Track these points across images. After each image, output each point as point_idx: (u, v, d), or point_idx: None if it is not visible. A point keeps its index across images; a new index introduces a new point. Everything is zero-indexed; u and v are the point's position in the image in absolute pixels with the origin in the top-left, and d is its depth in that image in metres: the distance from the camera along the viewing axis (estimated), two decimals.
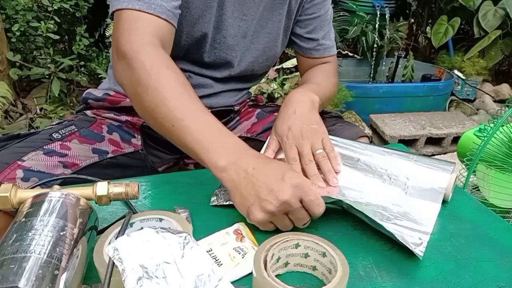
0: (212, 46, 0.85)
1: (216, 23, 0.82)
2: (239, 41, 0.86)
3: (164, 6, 0.68)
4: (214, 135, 0.60)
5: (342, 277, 0.45)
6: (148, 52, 0.64)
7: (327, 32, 0.96)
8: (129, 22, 0.66)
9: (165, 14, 0.68)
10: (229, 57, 0.87)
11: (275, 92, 2.40)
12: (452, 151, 2.38)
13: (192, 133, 0.59)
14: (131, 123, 0.90)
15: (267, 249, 0.48)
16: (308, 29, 0.94)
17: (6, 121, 2.12)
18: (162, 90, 0.61)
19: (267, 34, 0.89)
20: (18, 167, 0.69)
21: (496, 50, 2.93)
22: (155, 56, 0.64)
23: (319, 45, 0.95)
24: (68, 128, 0.81)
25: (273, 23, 0.89)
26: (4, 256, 0.38)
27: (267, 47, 0.91)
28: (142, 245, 0.44)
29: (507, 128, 1.19)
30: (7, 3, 2.18)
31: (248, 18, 0.84)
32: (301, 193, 0.55)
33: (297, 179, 0.55)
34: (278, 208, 0.54)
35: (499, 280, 0.52)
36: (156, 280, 0.40)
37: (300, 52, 0.98)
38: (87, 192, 0.50)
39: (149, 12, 0.67)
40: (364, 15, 2.95)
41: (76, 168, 0.76)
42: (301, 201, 0.55)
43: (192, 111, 0.61)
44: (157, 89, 0.61)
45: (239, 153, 0.58)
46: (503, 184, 1.16)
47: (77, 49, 2.30)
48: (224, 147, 0.58)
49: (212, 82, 0.90)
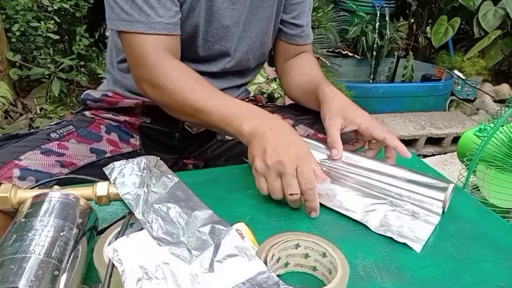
0: (205, 40, 0.85)
1: (206, 16, 0.82)
2: (232, 31, 0.86)
3: (162, 22, 0.74)
4: (234, 107, 0.69)
5: (342, 277, 0.45)
6: (164, 63, 0.73)
7: (309, 20, 0.97)
8: (139, 46, 0.74)
9: (165, 29, 0.74)
10: (224, 48, 0.87)
11: (275, 92, 2.40)
12: (452, 151, 2.38)
13: (215, 111, 0.68)
14: (130, 123, 0.90)
15: (267, 250, 0.48)
16: (293, 15, 0.94)
17: (6, 121, 2.12)
18: (184, 88, 0.71)
19: (258, 21, 0.89)
20: (15, 166, 0.69)
21: (496, 50, 2.93)
22: (169, 66, 0.73)
23: (303, 32, 0.96)
24: (66, 128, 0.81)
25: (264, 9, 0.89)
26: (4, 256, 0.38)
27: (260, 34, 0.91)
28: (142, 246, 0.44)
29: (507, 128, 1.19)
30: (7, 3, 2.18)
31: (239, 7, 0.85)
32: (299, 162, 0.61)
33: (301, 151, 0.62)
34: (275, 165, 0.61)
35: (499, 280, 0.52)
36: (156, 281, 0.40)
37: (284, 38, 0.97)
38: (87, 192, 0.50)
39: (150, 33, 0.73)
40: (364, 15, 2.96)
41: (74, 168, 0.76)
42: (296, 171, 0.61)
43: (211, 95, 0.71)
44: (181, 89, 0.71)
45: (259, 118, 0.67)
46: (503, 184, 1.16)
47: (77, 49, 2.30)
48: (246, 115, 0.67)
49: (209, 79, 0.90)
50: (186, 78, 0.72)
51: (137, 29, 0.72)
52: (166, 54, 0.74)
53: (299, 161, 0.61)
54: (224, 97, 0.71)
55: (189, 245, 0.46)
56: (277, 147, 0.61)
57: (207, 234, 0.49)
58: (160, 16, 0.73)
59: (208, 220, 0.52)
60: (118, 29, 0.74)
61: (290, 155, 0.61)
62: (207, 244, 0.47)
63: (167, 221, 0.49)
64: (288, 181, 0.61)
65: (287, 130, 0.66)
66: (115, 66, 0.92)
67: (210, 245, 0.46)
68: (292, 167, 0.60)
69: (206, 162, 0.97)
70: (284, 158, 0.60)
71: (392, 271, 0.53)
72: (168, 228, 0.48)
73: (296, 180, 0.60)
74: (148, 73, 0.73)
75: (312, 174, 0.61)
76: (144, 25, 0.72)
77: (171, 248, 0.44)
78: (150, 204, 0.50)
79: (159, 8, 0.73)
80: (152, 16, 0.73)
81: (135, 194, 0.50)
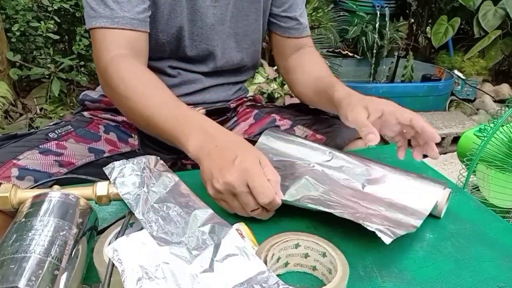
0: (191, 39, 0.84)
1: (189, 15, 0.82)
2: (217, 29, 0.85)
3: (127, 16, 0.72)
4: (181, 120, 0.64)
5: (342, 277, 0.45)
6: (118, 63, 0.70)
7: (302, 11, 0.94)
8: (99, 40, 0.72)
9: (129, 24, 0.72)
10: (211, 47, 0.87)
11: (275, 92, 2.40)
12: (452, 151, 2.37)
13: (162, 123, 0.64)
14: (128, 124, 0.90)
15: (267, 249, 0.48)
16: (284, 8, 0.92)
17: (6, 121, 2.12)
18: (134, 93, 0.67)
19: (245, 17, 0.88)
20: (13, 166, 0.69)
21: (496, 50, 2.93)
22: (124, 65, 0.70)
23: (298, 23, 0.93)
24: (64, 128, 0.82)
25: (250, 5, 0.88)
26: (4, 256, 0.38)
27: (249, 30, 0.90)
28: (142, 245, 0.44)
29: (507, 128, 1.19)
30: (7, 3, 2.18)
31: (221, 4, 0.83)
32: (247, 177, 0.55)
33: (247, 163, 0.56)
34: (223, 187, 0.56)
35: (499, 280, 0.52)
36: (156, 280, 0.40)
37: (279, 33, 0.95)
38: (87, 192, 0.50)
39: (113, 27, 0.72)
40: (364, 15, 2.96)
41: (72, 167, 0.76)
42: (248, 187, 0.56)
43: (160, 103, 0.66)
44: (129, 93, 0.68)
45: (204, 134, 0.62)
46: (503, 184, 1.16)
47: (77, 49, 2.30)
48: (191, 130, 0.62)
49: (202, 77, 0.90)
50: (139, 79, 0.69)
51: (100, 24, 0.71)
52: (126, 51, 0.71)
53: (246, 176, 0.55)
54: (174, 106, 0.66)
55: (189, 245, 0.46)
56: (222, 167, 0.56)
57: (207, 234, 0.49)
58: (124, 10, 0.72)
59: (208, 219, 0.52)
60: (88, 28, 0.73)
61: (236, 172, 0.55)
62: (207, 244, 0.47)
63: (167, 221, 0.49)
64: (243, 200, 0.56)
65: (232, 143, 0.61)
66: None
67: (210, 245, 0.46)
68: (241, 184, 0.55)
69: None
70: (230, 178, 0.55)
71: (392, 271, 0.53)
72: (168, 228, 0.48)
73: (251, 197, 0.56)
74: (103, 70, 0.71)
75: (264, 185, 0.55)
76: (108, 19, 0.71)
77: (171, 248, 0.44)
78: (150, 204, 0.50)
79: (124, 3, 0.72)
80: (116, 11, 0.71)
81: (135, 194, 0.50)
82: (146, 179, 0.53)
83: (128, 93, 0.68)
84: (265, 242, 0.49)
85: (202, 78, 0.90)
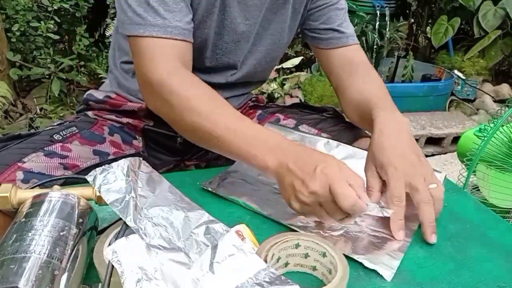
0: (214, 52, 0.83)
1: (217, 29, 0.80)
2: (242, 45, 0.84)
3: (179, 26, 0.68)
4: (255, 139, 0.62)
5: (342, 277, 0.45)
6: (175, 77, 0.66)
7: (344, 20, 0.88)
8: (150, 50, 0.67)
9: (181, 34, 0.69)
10: (231, 61, 0.86)
11: (275, 92, 2.40)
12: (452, 151, 2.37)
13: (236, 143, 0.62)
14: (133, 125, 0.89)
15: (267, 249, 0.48)
16: (321, 20, 0.88)
17: (6, 121, 2.12)
18: (198, 111, 0.64)
19: (269, 35, 0.87)
20: (18, 169, 0.69)
21: (496, 50, 2.93)
22: (183, 79, 0.67)
23: (339, 33, 0.87)
24: (69, 130, 0.81)
25: (276, 24, 0.86)
26: (4, 256, 0.38)
27: (270, 49, 0.89)
28: (141, 247, 0.44)
29: (507, 128, 1.19)
30: (7, 3, 2.18)
31: (251, 22, 0.82)
32: (329, 184, 0.54)
33: (328, 170, 0.55)
34: (310, 198, 0.55)
35: (499, 280, 0.52)
36: (156, 282, 0.40)
37: (321, 45, 0.89)
38: (87, 192, 0.50)
39: (166, 37, 0.67)
40: (364, 15, 2.95)
41: (77, 170, 0.76)
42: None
43: (230, 122, 0.64)
44: (192, 111, 0.64)
45: (281, 150, 0.60)
46: (503, 184, 1.16)
47: (77, 49, 2.30)
48: (268, 149, 0.61)
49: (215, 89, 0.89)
50: (201, 97, 0.66)
51: (151, 33, 0.67)
52: (178, 64, 0.68)
53: (329, 183, 0.54)
54: (242, 124, 0.64)
55: (186, 249, 0.46)
56: (304, 178, 0.56)
57: (202, 236, 0.49)
58: (177, 20, 0.68)
59: (202, 221, 0.52)
60: (130, 34, 0.68)
61: (318, 181, 0.55)
62: (204, 246, 0.47)
63: (160, 225, 0.48)
64: (329, 209, 0.55)
65: (309, 155, 0.60)
66: (118, 66, 0.91)
67: (207, 247, 0.46)
68: (325, 193, 0.54)
69: (208, 163, 0.97)
70: (314, 187, 0.55)
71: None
72: (162, 233, 0.47)
73: (335, 205, 0.54)
74: (157, 83, 0.67)
75: (345, 189, 0.54)
76: (160, 28, 0.67)
77: (168, 254, 0.44)
78: (140, 209, 0.50)
79: (177, 12, 0.68)
80: (169, 20, 0.67)
81: (124, 201, 0.48)
82: (132, 183, 0.51)
83: (193, 110, 0.64)
84: (265, 242, 0.49)
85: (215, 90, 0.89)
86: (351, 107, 0.84)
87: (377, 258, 0.54)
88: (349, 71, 0.86)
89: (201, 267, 0.44)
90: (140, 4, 0.67)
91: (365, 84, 0.83)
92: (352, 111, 0.84)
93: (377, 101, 0.76)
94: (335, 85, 0.90)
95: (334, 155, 0.73)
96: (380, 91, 0.81)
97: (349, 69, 0.87)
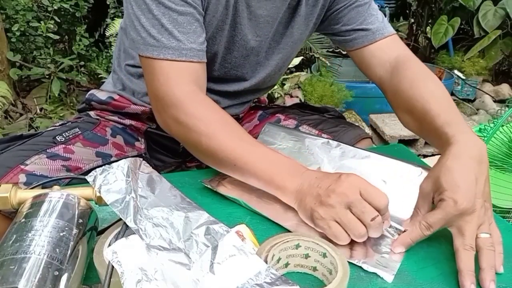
0: (222, 65, 0.82)
1: (227, 44, 0.79)
2: (251, 59, 0.83)
3: (194, 48, 0.67)
4: (273, 164, 0.62)
5: (343, 277, 0.45)
6: (192, 101, 0.66)
7: (367, 16, 0.81)
8: (165, 73, 0.66)
9: (196, 56, 0.68)
10: (240, 73, 0.85)
11: (275, 92, 2.40)
12: None
13: (254, 168, 0.62)
14: (135, 127, 0.89)
15: (268, 250, 0.48)
16: (342, 23, 0.83)
17: (6, 121, 2.12)
18: (216, 136, 0.64)
19: (281, 49, 0.85)
20: (21, 171, 0.69)
21: (496, 50, 2.93)
22: (200, 103, 0.67)
23: (363, 31, 0.81)
24: (72, 131, 0.81)
25: (287, 38, 0.84)
26: (4, 256, 0.38)
27: (281, 62, 0.88)
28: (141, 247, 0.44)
29: (507, 128, 1.19)
30: (7, 3, 2.18)
31: (262, 38, 0.81)
32: (357, 183, 0.54)
33: (354, 177, 0.56)
34: (336, 199, 0.54)
35: (499, 280, 0.52)
36: (156, 282, 0.40)
37: (348, 47, 0.85)
38: (87, 193, 0.50)
39: (181, 60, 0.66)
40: None
41: (79, 172, 0.76)
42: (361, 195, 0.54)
43: (248, 148, 0.64)
44: (210, 135, 0.64)
45: (300, 174, 0.60)
46: (503, 184, 1.16)
47: (77, 49, 2.30)
48: (286, 172, 0.61)
49: (220, 98, 0.88)
50: (218, 121, 0.66)
51: (166, 56, 0.65)
52: (194, 87, 0.68)
53: (357, 183, 0.54)
54: (258, 148, 0.64)
55: (186, 250, 0.46)
56: (328, 184, 0.55)
57: (202, 236, 0.49)
58: (191, 42, 0.67)
59: (202, 221, 0.52)
60: (143, 55, 0.67)
61: (345, 183, 0.54)
62: (204, 247, 0.47)
63: (160, 226, 0.48)
64: (359, 208, 0.53)
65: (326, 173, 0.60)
66: (122, 68, 0.91)
67: (208, 247, 0.46)
68: (355, 191, 0.53)
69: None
70: (341, 188, 0.54)
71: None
72: (163, 234, 0.47)
73: (367, 203, 0.53)
74: (173, 106, 0.66)
75: (377, 189, 0.54)
76: (174, 51, 0.66)
77: (168, 255, 0.44)
78: (140, 209, 0.50)
79: (191, 34, 0.67)
80: (183, 42, 0.66)
81: (124, 202, 0.48)
82: (132, 184, 0.51)
83: (210, 133, 0.64)
84: (266, 243, 0.49)
85: (220, 99, 0.88)
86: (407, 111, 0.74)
87: (377, 261, 0.54)
88: (388, 70, 0.79)
89: (201, 267, 0.44)
90: (154, 25, 0.65)
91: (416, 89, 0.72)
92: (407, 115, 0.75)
93: (444, 115, 0.65)
94: (381, 89, 0.83)
95: (334, 155, 0.74)
96: (440, 99, 0.69)
97: (386, 69, 0.80)
